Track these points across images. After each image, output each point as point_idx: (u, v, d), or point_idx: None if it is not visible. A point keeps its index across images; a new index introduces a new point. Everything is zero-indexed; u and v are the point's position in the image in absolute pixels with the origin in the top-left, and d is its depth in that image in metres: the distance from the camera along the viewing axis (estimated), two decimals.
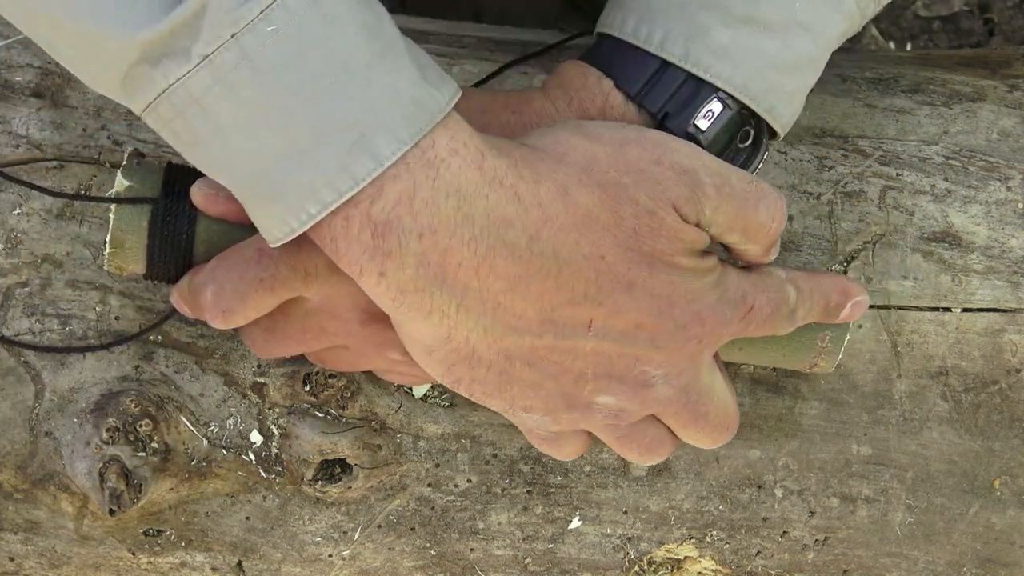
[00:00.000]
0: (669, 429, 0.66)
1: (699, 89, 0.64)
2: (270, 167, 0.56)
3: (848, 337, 0.72)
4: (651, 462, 0.68)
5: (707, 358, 0.65)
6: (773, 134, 0.68)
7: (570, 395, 0.62)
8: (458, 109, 0.60)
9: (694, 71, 0.64)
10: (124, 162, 0.66)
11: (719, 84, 0.64)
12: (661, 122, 0.65)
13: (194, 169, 0.66)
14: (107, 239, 0.66)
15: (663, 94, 0.64)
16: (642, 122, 0.65)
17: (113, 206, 0.65)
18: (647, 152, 0.61)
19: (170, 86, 0.55)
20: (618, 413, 0.64)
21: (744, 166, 0.67)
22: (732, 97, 0.65)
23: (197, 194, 0.64)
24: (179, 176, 0.66)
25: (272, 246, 0.59)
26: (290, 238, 0.58)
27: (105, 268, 0.68)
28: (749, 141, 0.66)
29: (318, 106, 0.55)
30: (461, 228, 0.57)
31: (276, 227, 0.58)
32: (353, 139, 0.55)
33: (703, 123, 0.64)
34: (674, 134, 0.64)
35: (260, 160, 0.56)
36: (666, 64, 0.64)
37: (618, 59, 0.65)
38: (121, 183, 0.65)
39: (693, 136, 0.64)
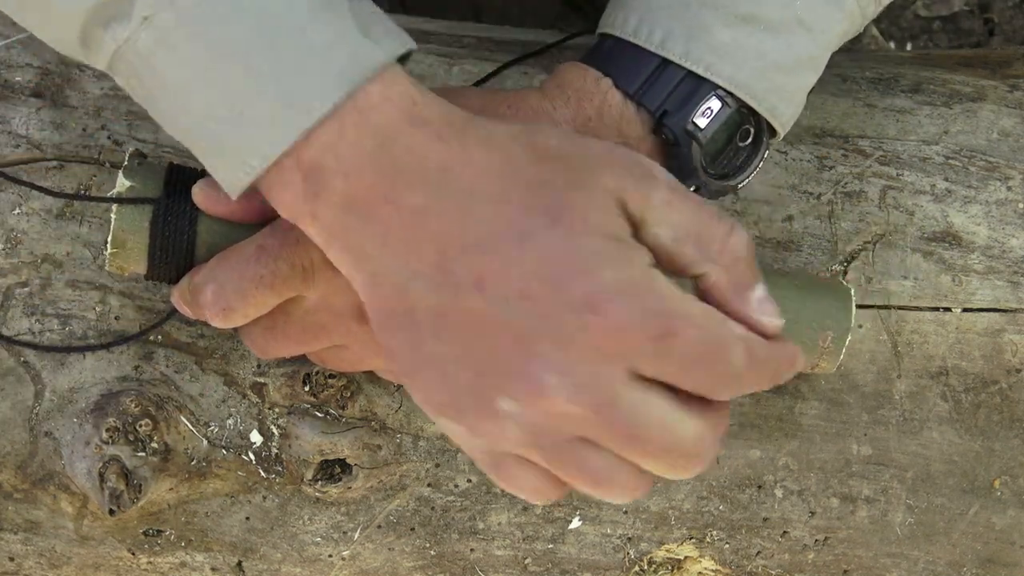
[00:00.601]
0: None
1: (698, 87, 0.64)
2: (214, 123, 0.57)
3: (850, 338, 0.72)
4: (615, 497, 0.58)
5: (619, 374, 0.55)
6: (773, 133, 0.68)
7: (474, 392, 0.56)
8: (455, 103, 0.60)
9: (695, 69, 0.64)
10: (125, 162, 0.67)
11: (720, 83, 0.64)
12: (660, 120, 0.65)
13: (195, 169, 0.66)
14: (108, 239, 0.66)
15: (662, 92, 0.64)
16: (641, 120, 0.65)
17: (114, 206, 0.65)
18: (604, 145, 0.58)
19: (119, 47, 0.57)
20: (530, 427, 0.56)
21: (744, 165, 0.67)
22: (731, 95, 0.65)
23: (198, 194, 0.64)
24: (180, 176, 0.66)
25: (232, 196, 0.59)
26: (242, 190, 0.58)
27: (106, 268, 0.68)
28: (749, 140, 0.66)
29: (252, 63, 0.55)
30: (382, 165, 0.56)
31: (227, 180, 0.59)
32: (285, 94, 0.55)
33: (702, 121, 0.64)
34: (673, 132, 0.64)
35: (205, 117, 0.57)
36: (665, 62, 0.64)
37: (618, 58, 0.65)
38: (123, 183, 0.65)
39: (692, 134, 0.64)
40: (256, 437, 0.73)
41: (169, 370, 0.73)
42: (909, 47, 1.61)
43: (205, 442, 0.73)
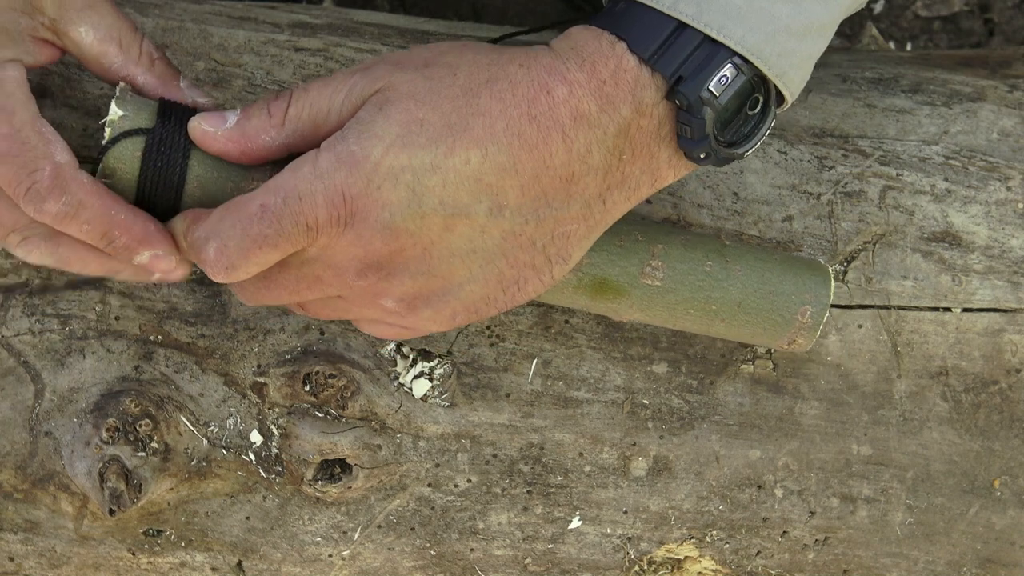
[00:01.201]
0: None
1: (714, 53, 0.64)
2: None
3: (828, 314, 0.72)
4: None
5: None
6: (781, 102, 0.68)
7: None
8: (467, 62, 0.62)
9: (707, 32, 0.63)
10: (117, 93, 0.65)
11: (732, 45, 0.64)
12: (674, 86, 0.64)
13: (188, 105, 0.66)
14: (99, 167, 0.65)
15: (678, 56, 0.64)
16: (655, 85, 0.64)
17: (107, 133, 0.64)
18: None
19: None
20: None
21: (751, 134, 0.66)
22: (746, 62, 0.64)
23: (196, 129, 0.64)
24: (174, 110, 0.65)
25: None
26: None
27: None
28: (758, 108, 0.66)
29: None
30: None
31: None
32: None
33: (717, 88, 0.64)
34: (687, 99, 0.63)
35: None
36: (682, 26, 0.64)
37: (632, 21, 0.65)
38: (115, 112, 0.64)
39: (707, 100, 0.64)
40: (256, 437, 0.73)
41: (169, 370, 0.73)
42: (909, 47, 1.61)
43: (205, 442, 0.73)
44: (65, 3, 0.65)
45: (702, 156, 0.65)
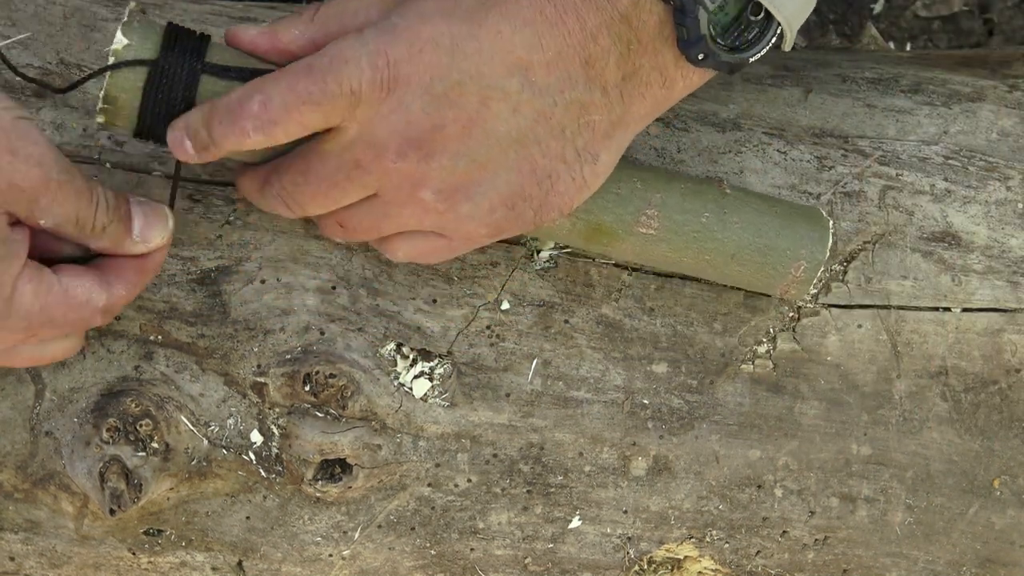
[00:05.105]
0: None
1: None
2: None
3: (823, 269, 0.72)
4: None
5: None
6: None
7: None
8: None
9: None
10: (125, 18, 0.65)
11: None
12: None
13: (194, 31, 0.66)
14: (101, 94, 0.65)
15: None
16: None
17: (110, 61, 0.64)
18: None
19: None
20: None
21: (757, 40, 0.67)
22: None
23: (229, 31, 0.67)
24: (179, 37, 0.65)
25: None
26: None
27: (96, 121, 0.67)
28: (761, 14, 0.66)
29: None
30: None
31: None
32: None
33: None
34: None
35: None
36: None
37: None
38: (120, 40, 0.64)
39: (699, 1, 0.64)
40: (256, 437, 0.73)
41: (169, 370, 0.73)
42: (909, 47, 1.61)
43: (205, 442, 0.73)
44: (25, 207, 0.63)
45: (700, 57, 0.66)
